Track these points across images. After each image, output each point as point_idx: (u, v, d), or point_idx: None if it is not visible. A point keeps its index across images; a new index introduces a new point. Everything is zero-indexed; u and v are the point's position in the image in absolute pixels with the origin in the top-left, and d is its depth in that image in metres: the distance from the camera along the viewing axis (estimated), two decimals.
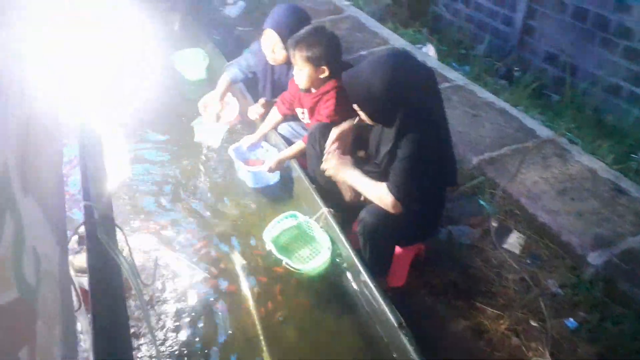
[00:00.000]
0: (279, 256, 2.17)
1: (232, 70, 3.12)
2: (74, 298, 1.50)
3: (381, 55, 1.93)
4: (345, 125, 2.25)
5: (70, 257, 2.11)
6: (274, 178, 2.79)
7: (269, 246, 2.22)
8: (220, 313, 2.12)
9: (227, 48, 4.02)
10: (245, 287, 2.24)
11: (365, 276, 2.02)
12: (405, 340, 1.81)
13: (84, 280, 1.97)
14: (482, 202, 2.82)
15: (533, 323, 2.27)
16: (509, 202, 2.78)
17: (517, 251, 2.59)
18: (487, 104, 3.44)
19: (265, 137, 2.92)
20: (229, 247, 2.44)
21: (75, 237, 2.15)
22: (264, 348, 1.99)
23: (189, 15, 4.38)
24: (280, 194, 2.79)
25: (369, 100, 1.95)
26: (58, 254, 0.69)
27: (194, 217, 2.62)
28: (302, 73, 2.45)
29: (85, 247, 2.11)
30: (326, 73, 2.43)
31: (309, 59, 2.39)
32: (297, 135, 2.99)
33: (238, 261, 2.36)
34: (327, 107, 2.48)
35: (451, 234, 2.67)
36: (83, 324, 1.48)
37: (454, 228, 2.71)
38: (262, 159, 2.83)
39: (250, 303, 2.17)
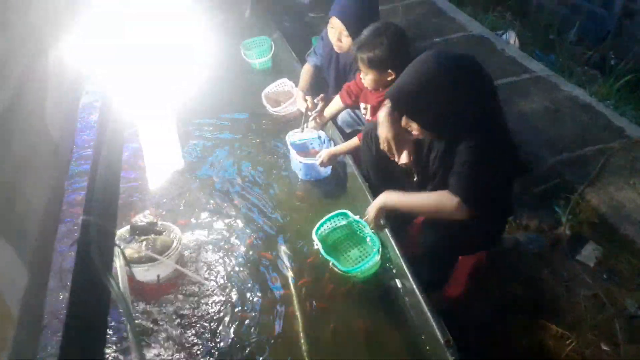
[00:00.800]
0: (326, 256, 2.10)
1: (313, 58, 3.09)
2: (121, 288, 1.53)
3: (420, 58, 1.75)
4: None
5: (123, 247, 2.19)
6: (325, 172, 2.72)
7: (317, 245, 2.16)
8: (263, 310, 2.11)
9: (296, 35, 3.97)
10: (291, 286, 2.20)
11: (414, 286, 1.90)
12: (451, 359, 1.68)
13: (135, 271, 2.04)
14: (556, 208, 2.57)
15: (604, 347, 2.04)
16: (586, 210, 2.51)
17: (591, 264, 2.34)
18: (570, 98, 3.12)
19: (323, 127, 2.85)
20: (277, 243, 2.41)
21: (127, 227, 2.23)
22: (304, 350, 1.95)
23: (260, 2, 4.37)
24: (332, 189, 2.72)
25: (416, 108, 1.77)
26: (25, 282, 0.66)
27: (243, 211, 2.61)
28: (367, 77, 2.35)
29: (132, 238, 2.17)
30: (392, 76, 2.29)
31: (373, 64, 2.26)
32: (356, 123, 2.90)
33: (285, 258, 2.32)
34: None
35: (518, 242, 2.47)
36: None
37: (521, 235, 2.50)
38: (318, 149, 2.78)
39: (295, 303, 2.13)
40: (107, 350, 1.91)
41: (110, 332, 1.90)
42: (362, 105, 2.65)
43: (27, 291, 0.68)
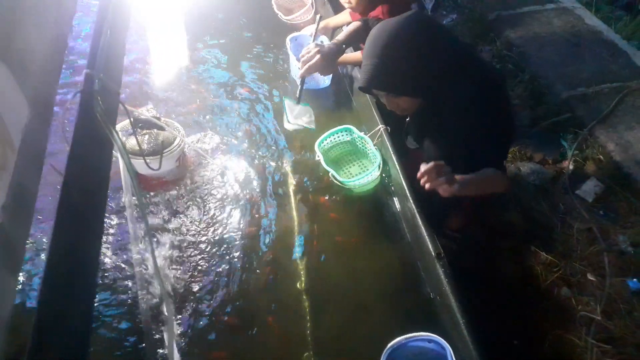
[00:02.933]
0: (327, 168, 2.09)
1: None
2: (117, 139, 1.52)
3: (369, 37, 1.62)
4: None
5: (124, 139, 2.17)
6: (325, 82, 2.64)
7: (319, 156, 2.14)
8: (265, 219, 2.13)
9: None
10: (290, 195, 2.22)
11: (410, 201, 1.90)
12: (440, 271, 1.71)
13: (135, 163, 2.03)
14: (562, 142, 2.55)
15: (590, 277, 2.08)
16: (593, 146, 2.48)
17: (590, 199, 2.34)
18: (594, 32, 3.00)
19: (329, 32, 2.73)
20: (283, 154, 2.40)
21: (128, 120, 2.20)
22: (298, 258, 1.99)
23: None
24: (338, 104, 2.66)
25: (386, 81, 1.62)
26: (27, 116, 0.64)
27: (245, 114, 2.57)
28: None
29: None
30: None
31: None
32: None
33: (288, 168, 2.32)
34: None
35: (519, 171, 2.46)
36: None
37: (524, 165, 2.48)
38: None
39: (293, 212, 2.15)
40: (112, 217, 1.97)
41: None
42: None
43: (27, 125, 0.66)
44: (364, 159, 2.31)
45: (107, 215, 1.93)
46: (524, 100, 2.80)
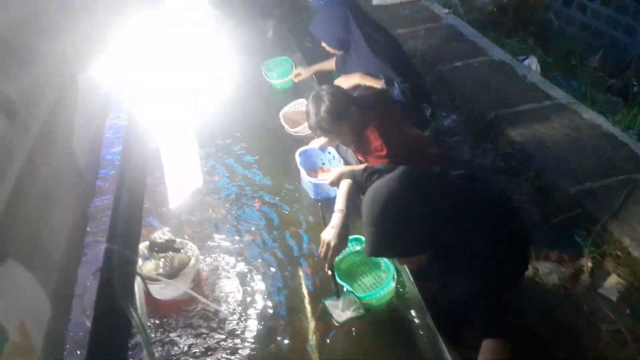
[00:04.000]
0: (341, 282, 2.08)
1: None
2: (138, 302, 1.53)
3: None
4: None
5: (140, 263, 2.20)
6: (336, 191, 2.71)
7: (331, 271, 2.14)
8: (278, 335, 2.09)
9: (317, 56, 4.00)
10: (307, 306, 2.19)
11: (429, 317, 1.87)
12: None
13: (151, 288, 2.05)
14: (577, 239, 2.53)
15: None
16: (609, 242, 2.46)
17: (614, 298, 2.28)
18: (593, 126, 3.09)
19: (335, 142, 2.85)
20: (290, 267, 2.40)
21: (146, 243, 2.24)
22: None
23: (283, 22, 4.42)
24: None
25: (398, 244, 1.60)
26: (49, 315, 0.67)
27: (259, 232, 2.60)
28: (339, 140, 2.54)
29: (146, 258, 2.18)
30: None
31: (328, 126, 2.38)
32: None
33: (302, 283, 2.31)
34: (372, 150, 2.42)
35: (537, 272, 2.42)
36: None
37: (541, 264, 2.46)
38: (329, 167, 2.80)
39: (308, 328, 2.11)
40: None
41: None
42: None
43: (50, 322, 0.68)
44: (376, 269, 2.29)
45: None
46: (531, 196, 2.83)
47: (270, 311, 2.20)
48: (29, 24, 0.87)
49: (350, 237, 2.28)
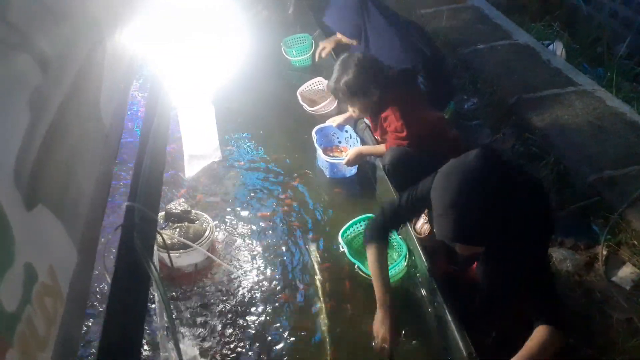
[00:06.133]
0: (352, 259, 2.11)
1: None
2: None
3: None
4: None
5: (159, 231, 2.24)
6: (351, 171, 2.73)
7: (343, 247, 2.16)
8: (287, 309, 2.13)
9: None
10: (315, 288, 2.22)
11: (439, 297, 1.89)
12: None
13: (164, 255, 2.09)
14: (594, 227, 2.51)
15: None
16: (626, 231, 2.43)
17: (628, 287, 2.27)
18: (617, 114, 3.03)
19: (352, 121, 2.85)
20: (303, 243, 2.42)
21: (162, 214, 2.29)
22: (328, 350, 1.96)
23: None
24: (361, 191, 2.72)
25: (477, 229, 1.52)
26: (75, 263, 0.69)
27: (272, 206, 2.63)
28: (354, 108, 2.48)
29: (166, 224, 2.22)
30: (375, 97, 2.37)
31: (351, 91, 2.35)
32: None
33: (313, 259, 2.34)
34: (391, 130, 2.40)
35: (552, 258, 2.41)
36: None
37: (555, 251, 2.44)
38: (346, 146, 2.80)
39: (319, 308, 2.14)
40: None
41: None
42: None
43: (75, 271, 0.71)
44: (389, 249, 2.31)
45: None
46: (550, 182, 2.80)
47: (283, 282, 2.24)
48: None
49: (363, 216, 2.30)
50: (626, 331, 2.11)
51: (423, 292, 2.10)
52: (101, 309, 1.82)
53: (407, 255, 2.13)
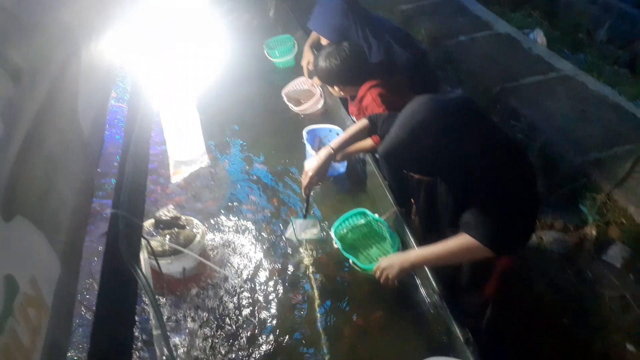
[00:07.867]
0: (345, 254, 2.11)
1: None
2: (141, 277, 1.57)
3: (406, 110, 1.64)
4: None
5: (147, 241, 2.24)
6: (341, 168, 2.75)
7: (336, 243, 2.17)
8: (281, 306, 2.13)
9: None
10: (310, 283, 2.22)
11: (434, 285, 1.90)
12: (471, 358, 1.68)
13: (154, 262, 2.09)
14: (582, 208, 2.54)
15: (629, 347, 2.00)
16: (614, 210, 2.47)
17: (618, 265, 2.30)
18: (599, 97, 3.07)
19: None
20: (295, 241, 2.43)
21: (152, 221, 2.28)
22: (323, 343, 1.97)
23: (284, 1, 4.39)
24: (351, 187, 2.72)
25: (407, 162, 1.68)
26: (58, 273, 0.70)
27: (263, 206, 2.63)
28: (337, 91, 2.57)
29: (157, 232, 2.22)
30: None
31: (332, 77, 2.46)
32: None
33: (306, 257, 2.34)
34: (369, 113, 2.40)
35: (542, 241, 2.44)
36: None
37: (545, 234, 2.47)
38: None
39: (313, 300, 2.15)
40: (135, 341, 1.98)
41: (137, 324, 1.96)
42: None
43: (59, 280, 0.71)
44: (382, 242, 2.32)
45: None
46: (537, 168, 2.82)
47: (275, 281, 2.24)
48: None
49: (355, 210, 2.31)
50: (619, 308, 2.14)
51: (418, 281, 2.12)
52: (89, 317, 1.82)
53: (400, 248, 2.14)
